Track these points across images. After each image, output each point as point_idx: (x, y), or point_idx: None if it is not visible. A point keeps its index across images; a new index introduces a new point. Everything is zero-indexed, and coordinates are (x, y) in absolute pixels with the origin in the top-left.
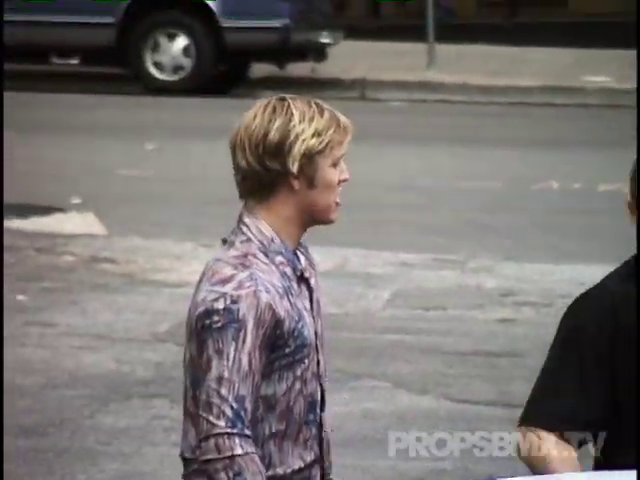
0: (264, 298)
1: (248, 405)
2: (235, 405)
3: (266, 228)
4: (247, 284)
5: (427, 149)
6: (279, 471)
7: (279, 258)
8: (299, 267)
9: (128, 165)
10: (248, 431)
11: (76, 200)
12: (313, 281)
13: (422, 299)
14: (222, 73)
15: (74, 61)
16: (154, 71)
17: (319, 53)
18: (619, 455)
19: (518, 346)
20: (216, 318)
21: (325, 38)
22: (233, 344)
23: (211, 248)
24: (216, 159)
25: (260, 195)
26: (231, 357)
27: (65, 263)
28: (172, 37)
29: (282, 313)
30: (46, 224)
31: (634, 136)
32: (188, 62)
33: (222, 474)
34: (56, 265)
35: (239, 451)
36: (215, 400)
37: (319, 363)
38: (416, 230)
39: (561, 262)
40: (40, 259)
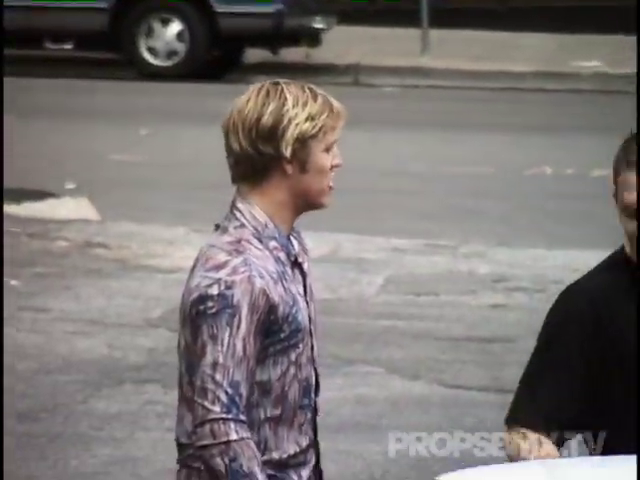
0: (258, 284)
1: (243, 390)
2: (230, 390)
3: (259, 213)
4: (241, 270)
5: (420, 134)
6: (275, 456)
7: (273, 243)
8: (293, 252)
9: (122, 150)
10: (243, 416)
11: (69, 185)
12: (306, 266)
13: (414, 285)
14: (216, 58)
15: (68, 46)
16: (148, 56)
17: (313, 38)
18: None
19: (510, 331)
20: (210, 304)
21: (319, 23)
22: (227, 330)
23: (204, 233)
24: (209, 144)
25: (253, 180)
26: (225, 343)
27: (58, 248)
28: (166, 22)
29: (276, 298)
30: (39, 209)
31: (627, 121)
32: (182, 47)
33: (218, 459)
34: (49, 250)
35: (234, 436)
36: (210, 386)
37: (313, 348)
38: (408, 215)
39: (554, 247)
40: (33, 244)
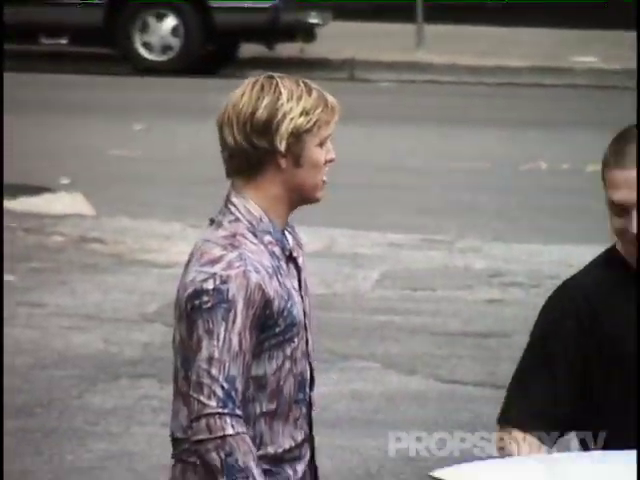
0: (254, 278)
1: (239, 385)
2: (226, 385)
3: (254, 208)
4: (236, 264)
5: (416, 130)
6: (270, 450)
7: (268, 238)
8: (287, 247)
9: (116, 145)
10: (239, 411)
11: (65, 180)
12: (301, 260)
13: (410, 280)
14: (211, 53)
15: (63, 41)
16: (143, 51)
17: (308, 33)
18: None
19: (506, 327)
20: (206, 298)
21: (314, 18)
22: (223, 324)
23: (199, 228)
24: (204, 139)
25: (248, 174)
26: (221, 337)
27: (54, 243)
28: (161, 17)
29: (271, 293)
30: (35, 204)
31: (623, 117)
32: (177, 42)
33: (213, 454)
34: (45, 245)
35: (230, 431)
36: (206, 380)
37: (308, 342)
38: (404, 210)
39: (549, 243)
40: (29, 239)
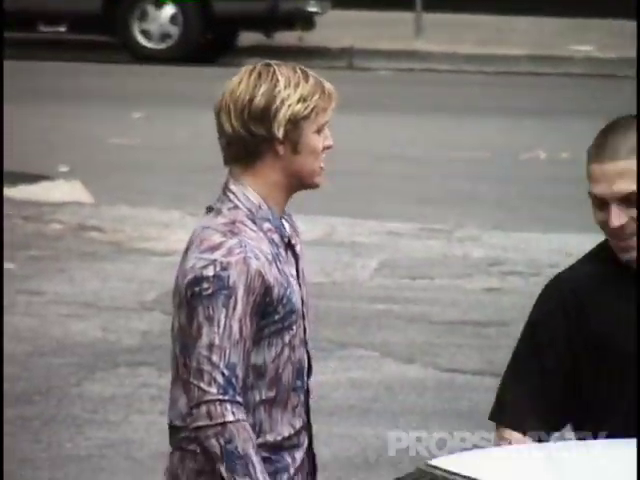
0: (254, 265)
1: (239, 372)
2: (226, 372)
3: (253, 195)
4: (237, 251)
5: (414, 118)
6: (269, 438)
7: (266, 225)
8: (286, 234)
9: (115, 133)
10: (239, 398)
11: (63, 168)
12: (298, 248)
13: (409, 268)
14: (209, 41)
15: (62, 29)
16: (141, 39)
17: (307, 22)
18: None
19: (505, 315)
20: (206, 285)
21: (313, 7)
22: (224, 311)
23: (198, 216)
24: (203, 127)
25: (245, 161)
26: (222, 324)
27: (53, 231)
28: (159, 5)
29: (271, 280)
30: (33, 192)
31: (621, 105)
32: (175, 30)
33: (213, 440)
34: (44, 233)
35: (231, 418)
36: (206, 367)
37: (305, 330)
38: (403, 199)
39: (548, 231)
40: (28, 227)
